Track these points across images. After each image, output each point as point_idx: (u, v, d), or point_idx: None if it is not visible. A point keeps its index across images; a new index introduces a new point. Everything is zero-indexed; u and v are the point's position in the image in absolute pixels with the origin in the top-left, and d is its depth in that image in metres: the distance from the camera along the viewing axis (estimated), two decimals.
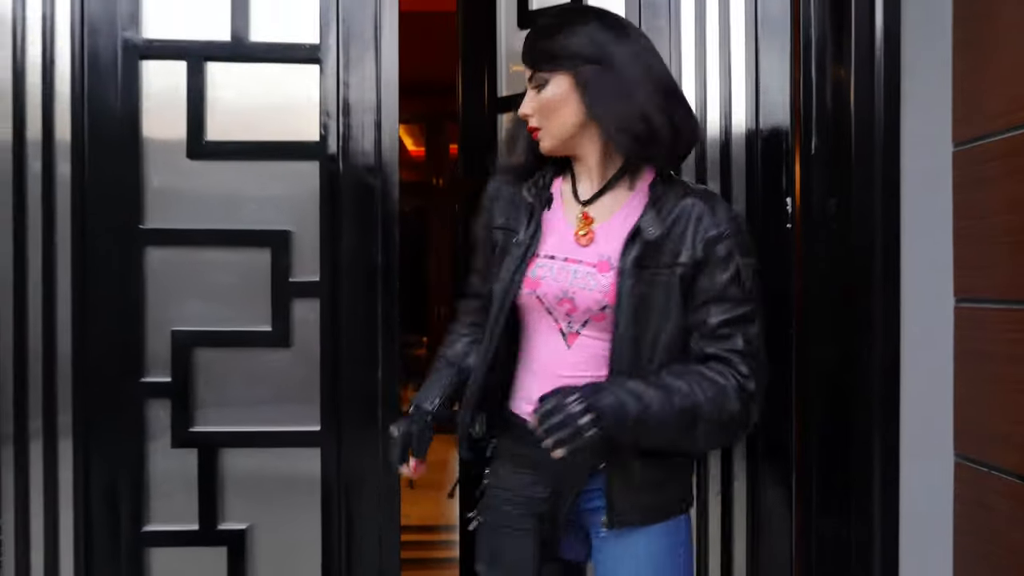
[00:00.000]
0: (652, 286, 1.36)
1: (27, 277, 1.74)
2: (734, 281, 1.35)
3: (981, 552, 1.58)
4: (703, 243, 1.35)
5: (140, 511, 1.78)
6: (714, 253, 1.35)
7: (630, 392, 1.28)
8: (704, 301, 1.35)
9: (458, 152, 2.47)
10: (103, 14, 1.74)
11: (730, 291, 1.35)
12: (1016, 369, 1.47)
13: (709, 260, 1.35)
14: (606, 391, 1.27)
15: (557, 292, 1.38)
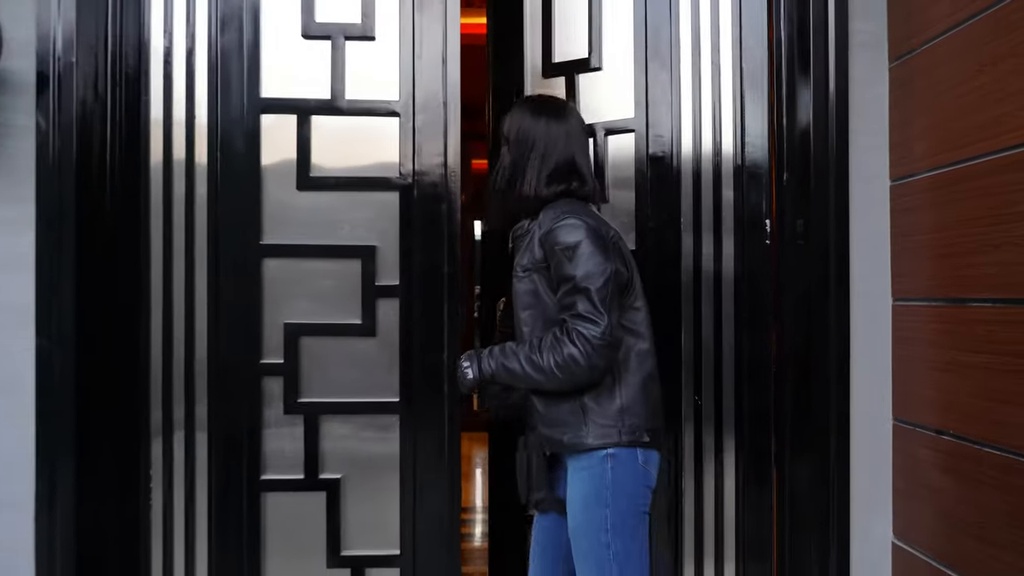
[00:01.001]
0: (525, 282, 1.87)
1: (172, 281, 2.22)
2: (560, 265, 1.79)
3: (909, 488, 2.03)
4: (538, 246, 1.84)
5: (258, 463, 2.24)
6: (544, 248, 1.82)
7: (501, 349, 1.86)
8: (556, 285, 1.82)
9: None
10: (233, 77, 2.22)
11: (562, 272, 1.79)
12: (935, 351, 1.93)
13: (547, 257, 1.82)
14: (484, 352, 1.88)
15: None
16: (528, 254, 1.85)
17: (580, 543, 1.83)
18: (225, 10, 2.21)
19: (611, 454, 1.80)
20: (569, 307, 1.77)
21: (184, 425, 2.22)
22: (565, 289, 1.78)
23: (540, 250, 1.83)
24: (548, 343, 1.77)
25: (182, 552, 2.22)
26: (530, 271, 1.85)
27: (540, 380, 1.79)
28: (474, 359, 1.88)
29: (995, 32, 1.67)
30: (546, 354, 1.77)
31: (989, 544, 1.71)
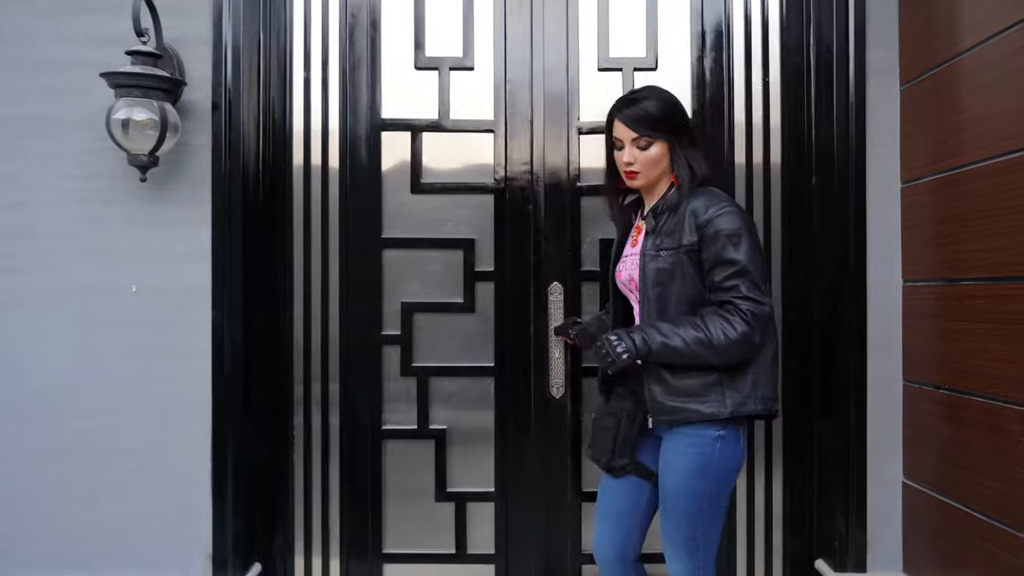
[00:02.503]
0: (670, 263, 1.94)
1: (311, 268, 2.73)
2: (724, 249, 1.89)
3: (915, 436, 2.47)
4: (697, 228, 1.93)
5: (379, 416, 2.75)
6: (704, 234, 1.91)
7: (654, 328, 1.91)
8: (710, 268, 1.92)
9: None
10: (360, 101, 2.73)
11: (724, 256, 1.89)
12: (934, 322, 2.36)
13: (704, 239, 1.91)
14: (636, 331, 1.93)
15: (625, 277, 2.11)
16: (673, 236, 1.95)
17: (676, 506, 1.97)
18: (353, 50, 2.71)
19: (722, 435, 1.94)
20: (731, 288, 1.89)
21: (320, 381, 2.72)
22: (727, 272, 1.89)
23: (695, 233, 1.92)
24: (717, 322, 1.88)
25: (319, 486, 2.73)
26: (676, 251, 1.93)
27: (706, 357, 1.89)
28: (625, 337, 1.92)
29: (980, 67, 2.11)
30: (716, 332, 1.87)
31: (976, 474, 2.16)
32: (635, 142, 2.02)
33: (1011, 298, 1.98)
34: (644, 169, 2.03)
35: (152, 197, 2.52)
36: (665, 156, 2.03)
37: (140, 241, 2.53)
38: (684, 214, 1.95)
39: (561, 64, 2.72)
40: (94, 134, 2.51)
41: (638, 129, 2.00)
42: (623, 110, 2.04)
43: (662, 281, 1.96)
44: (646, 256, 2.00)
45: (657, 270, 1.97)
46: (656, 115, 2.00)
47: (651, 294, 1.98)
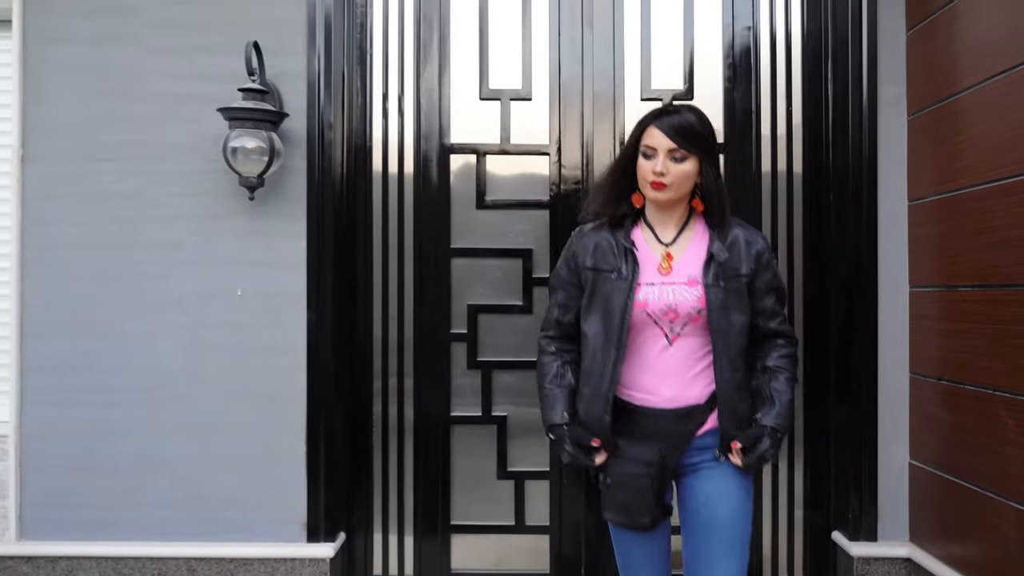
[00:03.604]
0: (727, 292, 1.92)
1: (388, 275, 3.11)
2: (774, 277, 2.00)
3: (920, 422, 2.84)
4: (753, 258, 1.96)
5: (448, 405, 3.13)
6: (760, 263, 1.96)
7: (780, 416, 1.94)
8: (763, 294, 1.98)
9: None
10: (432, 129, 3.11)
11: (774, 283, 2.00)
12: (936, 322, 2.73)
13: (759, 268, 1.96)
14: (774, 427, 1.93)
15: (662, 307, 1.94)
16: (730, 266, 1.94)
17: (733, 532, 1.93)
18: (425, 83, 3.09)
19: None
20: (779, 313, 2.01)
21: (396, 375, 3.11)
22: (776, 297, 2.01)
23: (752, 264, 1.96)
24: (790, 355, 2.03)
25: (395, 467, 3.11)
26: (736, 280, 1.95)
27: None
28: (769, 440, 1.93)
29: (975, 105, 2.48)
30: (794, 367, 2.02)
31: (970, 453, 2.52)
32: (671, 153, 1.92)
33: (998, 302, 2.35)
34: (675, 183, 1.93)
35: (254, 212, 2.90)
36: (695, 176, 1.95)
37: (244, 251, 2.91)
38: (736, 243, 1.96)
39: (608, 95, 3.09)
40: (202, 157, 2.90)
41: (677, 140, 1.90)
42: (663, 118, 1.94)
43: (727, 312, 1.93)
44: (711, 288, 1.93)
45: (723, 301, 1.92)
46: (697, 129, 1.92)
47: (719, 325, 1.92)
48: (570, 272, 2.07)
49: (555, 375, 2.06)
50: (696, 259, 1.97)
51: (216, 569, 2.88)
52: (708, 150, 1.95)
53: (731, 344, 1.93)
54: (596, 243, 2.01)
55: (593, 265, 2.00)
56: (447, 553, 3.11)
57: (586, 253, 2.02)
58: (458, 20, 3.11)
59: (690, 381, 1.97)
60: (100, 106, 2.93)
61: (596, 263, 1.99)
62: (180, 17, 2.91)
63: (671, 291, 1.94)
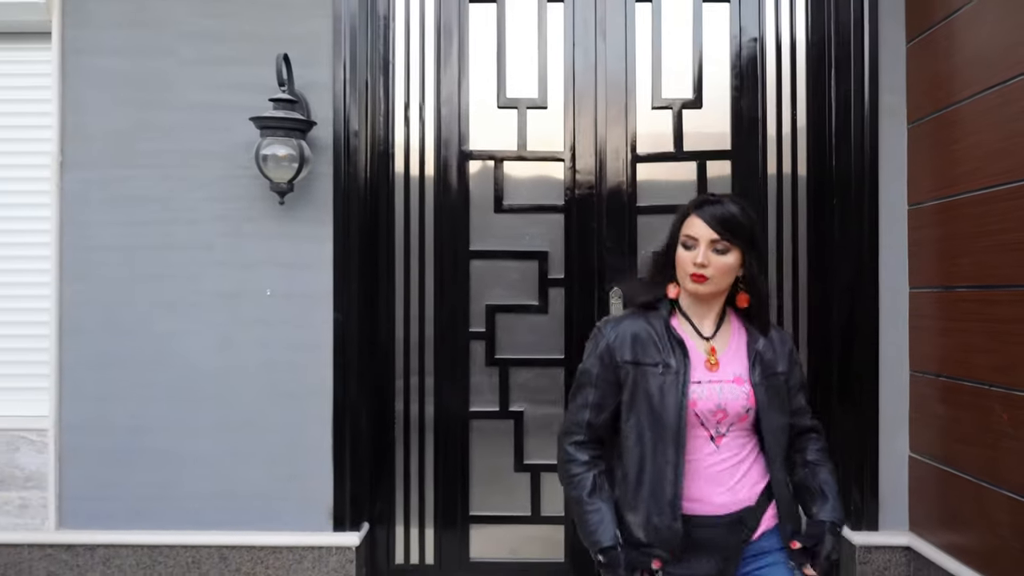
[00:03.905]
0: (771, 389, 1.84)
1: (410, 276, 3.25)
2: (802, 373, 1.97)
3: (920, 417, 2.96)
4: (787, 356, 1.90)
5: (467, 401, 3.26)
6: (792, 360, 1.91)
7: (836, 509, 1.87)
8: (796, 391, 1.94)
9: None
10: (451, 136, 3.24)
11: (802, 380, 1.97)
12: (935, 321, 2.86)
13: (791, 365, 1.90)
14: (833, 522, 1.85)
15: (711, 406, 1.79)
16: (771, 364, 1.87)
17: None
18: (445, 92, 3.23)
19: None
20: (807, 411, 1.98)
21: (418, 372, 3.24)
22: (804, 394, 1.97)
23: (787, 362, 1.91)
24: (825, 448, 1.99)
25: (416, 460, 3.25)
26: (776, 377, 1.87)
27: None
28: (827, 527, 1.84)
29: (971, 116, 2.61)
30: (830, 459, 1.98)
31: (966, 444, 2.65)
32: (713, 244, 1.81)
33: (995, 302, 2.49)
34: (717, 275, 1.82)
35: (283, 216, 3.04)
36: (736, 269, 1.84)
37: (273, 253, 3.05)
38: (771, 340, 1.90)
39: (620, 103, 3.22)
40: (232, 164, 3.04)
41: (719, 230, 1.80)
42: (704, 208, 1.84)
43: (773, 411, 1.85)
44: (758, 387, 1.84)
45: (769, 400, 1.84)
46: (741, 220, 1.82)
47: (768, 425, 1.84)
48: (604, 368, 1.86)
49: (594, 488, 1.84)
50: (739, 355, 1.86)
51: (247, 557, 3.02)
52: (752, 242, 1.84)
53: (780, 443, 1.86)
54: (634, 334, 1.85)
55: (633, 359, 1.83)
56: (466, 542, 3.24)
57: (623, 346, 1.84)
58: (476, 32, 3.25)
59: (738, 483, 1.82)
60: (135, 115, 3.06)
61: (637, 356, 1.83)
62: (212, 30, 3.05)
63: (719, 389, 1.81)
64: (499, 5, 3.26)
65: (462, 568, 3.24)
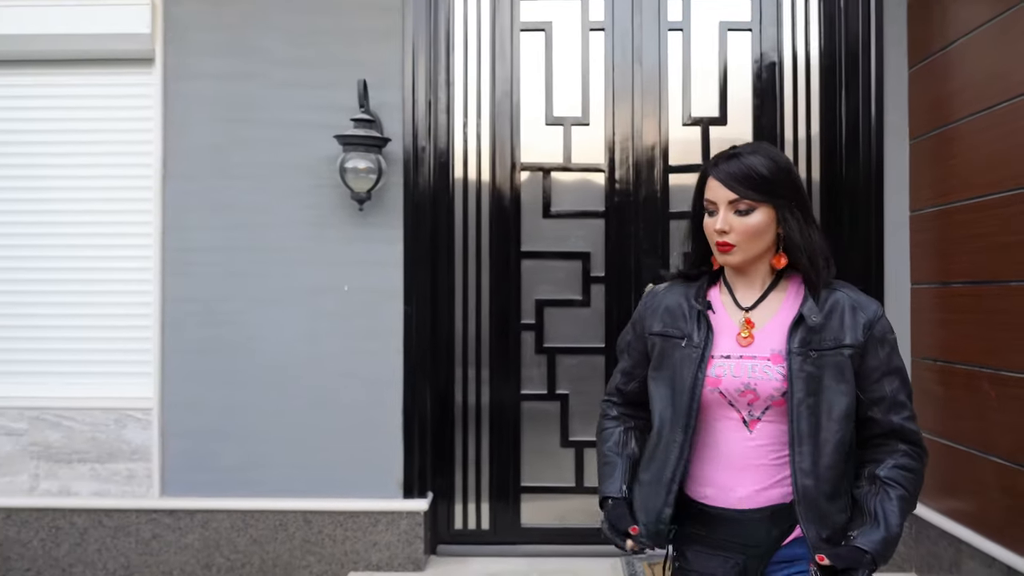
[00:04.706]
0: (820, 366, 1.50)
1: (468, 274, 3.67)
2: (894, 353, 1.54)
3: (921, 397, 3.36)
4: (862, 328, 1.53)
5: (518, 385, 3.67)
6: (873, 335, 1.53)
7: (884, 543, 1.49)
8: (878, 377, 1.53)
9: None
10: (505, 150, 3.66)
11: (894, 362, 1.55)
12: (933, 314, 3.26)
13: (870, 341, 1.53)
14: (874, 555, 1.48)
15: (739, 385, 1.55)
16: (828, 333, 1.54)
17: None
18: (497, 111, 3.65)
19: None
20: (903, 407, 1.57)
21: (475, 360, 3.66)
22: (896, 385, 1.57)
23: (862, 333, 1.55)
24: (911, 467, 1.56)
25: (474, 435, 3.67)
26: (836, 352, 1.54)
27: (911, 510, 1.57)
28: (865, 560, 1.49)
29: (965, 134, 3.02)
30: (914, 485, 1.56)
31: (961, 419, 3.06)
32: (732, 205, 1.56)
33: (985, 296, 2.90)
34: (743, 241, 1.57)
35: (359, 221, 3.46)
36: (771, 229, 1.58)
37: (351, 253, 3.47)
38: (838, 307, 1.57)
39: (655, 120, 3.64)
40: (315, 175, 3.46)
41: (737, 188, 1.55)
42: (720, 166, 1.59)
43: (815, 391, 1.53)
44: (795, 356, 1.54)
45: (810, 376, 1.53)
46: (762, 172, 1.55)
47: (801, 407, 1.53)
48: (636, 337, 1.76)
49: (616, 442, 1.75)
50: (782, 328, 1.58)
51: (328, 520, 3.44)
52: (783, 195, 1.57)
53: (821, 429, 1.53)
54: (667, 306, 1.68)
55: (661, 331, 1.67)
56: (517, 511, 3.66)
57: (654, 317, 1.70)
58: (527, 57, 3.67)
59: (774, 476, 1.58)
60: (229, 131, 3.49)
61: (664, 328, 1.66)
62: (298, 57, 3.47)
63: (750, 367, 1.57)
64: (547, 33, 3.67)
65: (514, 533, 3.65)
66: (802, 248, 1.57)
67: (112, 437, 3.51)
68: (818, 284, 1.58)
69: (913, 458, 1.57)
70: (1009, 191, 2.75)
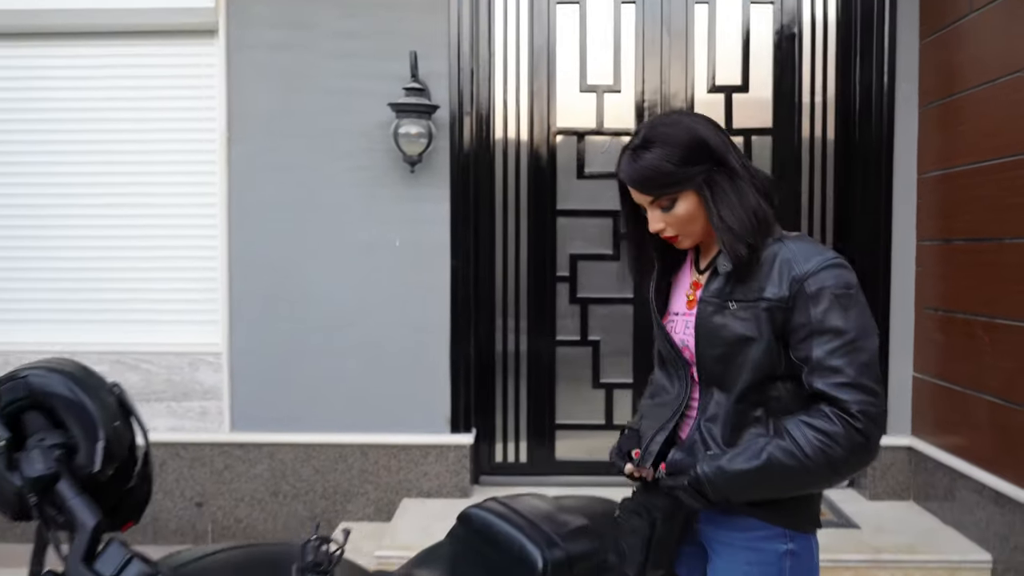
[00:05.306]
0: (735, 316, 1.46)
1: (507, 230, 3.99)
2: (830, 312, 1.38)
3: (922, 343, 3.71)
4: (788, 281, 1.43)
5: (553, 332, 4.00)
6: (802, 290, 1.41)
7: (723, 470, 1.42)
8: (805, 336, 1.41)
9: None
10: (541, 115, 3.96)
11: (830, 322, 1.38)
12: (936, 267, 3.56)
13: (799, 296, 1.41)
14: (702, 475, 1.44)
15: (678, 342, 1.59)
16: (750, 286, 1.48)
17: None
18: (535, 79, 3.93)
19: (790, 551, 1.49)
20: (835, 371, 1.40)
21: (514, 309, 4.00)
22: (831, 346, 1.40)
23: (787, 287, 1.45)
24: (823, 430, 1.39)
25: (513, 377, 4.02)
26: (753, 305, 1.47)
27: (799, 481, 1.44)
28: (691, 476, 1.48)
29: (971, 104, 3.30)
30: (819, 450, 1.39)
31: (957, 362, 3.40)
32: (655, 204, 1.54)
33: (981, 251, 3.21)
34: (682, 229, 1.55)
35: (410, 182, 3.77)
36: (702, 206, 1.52)
37: (402, 212, 3.79)
38: (770, 261, 1.48)
39: (682, 88, 3.92)
40: (369, 139, 3.76)
41: (648, 191, 1.53)
42: (625, 169, 1.57)
43: (728, 342, 1.49)
44: (706, 306, 1.52)
45: (722, 327, 1.49)
46: (665, 168, 1.49)
47: (708, 359, 1.52)
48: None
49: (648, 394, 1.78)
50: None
51: (383, 452, 3.82)
52: (695, 174, 1.49)
53: (727, 378, 1.50)
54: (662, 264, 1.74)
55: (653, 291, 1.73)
56: (552, 446, 4.03)
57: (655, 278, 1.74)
58: (562, 28, 3.93)
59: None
60: (288, 99, 3.78)
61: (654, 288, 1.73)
62: (350, 29, 3.75)
63: (686, 323, 1.59)
64: (581, 5, 3.93)
65: (549, 466, 4.03)
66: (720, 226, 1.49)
67: (186, 379, 3.87)
68: (729, 245, 1.48)
69: (828, 420, 1.40)
70: (1009, 157, 3.04)
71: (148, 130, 3.92)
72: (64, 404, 1.37)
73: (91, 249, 3.94)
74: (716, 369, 1.50)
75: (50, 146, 3.94)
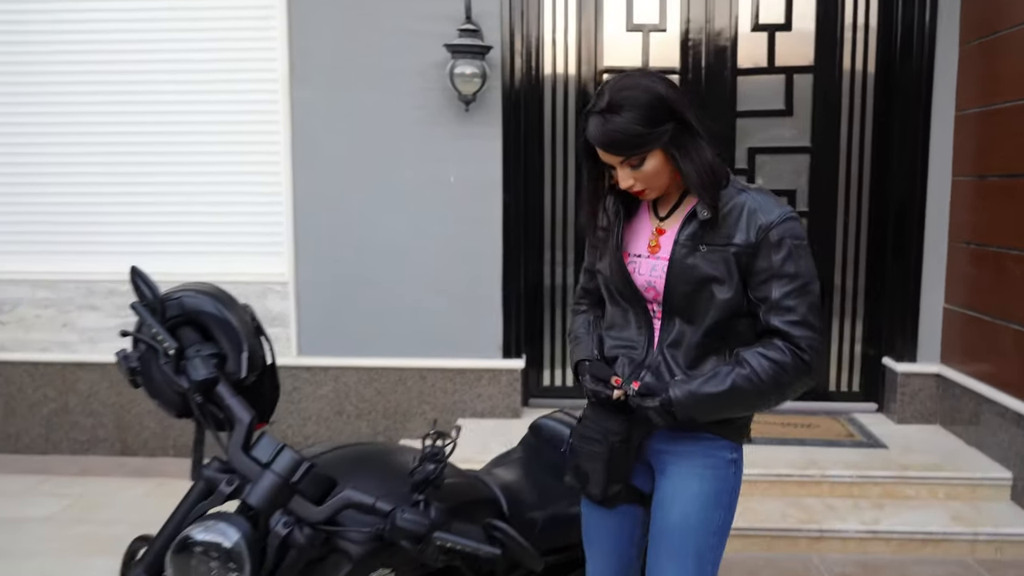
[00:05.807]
0: (705, 259, 1.60)
1: (555, 171, 4.17)
2: (788, 260, 1.58)
3: (953, 276, 3.87)
4: (756, 230, 1.59)
5: None
6: (767, 238, 1.59)
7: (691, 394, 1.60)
8: (765, 279, 1.60)
9: None
10: (588, 53, 4.10)
11: (787, 268, 1.59)
12: (970, 200, 3.71)
13: (763, 244, 1.59)
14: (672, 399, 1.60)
15: (643, 283, 1.69)
16: (720, 232, 1.62)
17: (684, 542, 1.69)
18: (582, 19, 4.07)
19: (734, 459, 1.71)
20: (789, 310, 1.60)
21: (561, 244, 4.21)
22: (789, 288, 1.60)
23: (755, 234, 1.61)
24: (776, 360, 1.60)
25: (561, 308, 4.25)
26: (723, 249, 1.61)
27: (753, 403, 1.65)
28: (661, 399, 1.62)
29: (1008, 42, 3.40)
30: (773, 377, 1.60)
31: (986, 294, 3.57)
32: (625, 164, 1.63)
33: (1013, 188, 3.35)
34: (649, 183, 1.65)
35: (464, 120, 3.96)
36: (667, 162, 1.62)
37: (455, 148, 3.98)
38: (737, 210, 1.63)
39: (726, 27, 4.04)
40: (425, 79, 3.94)
41: (619, 152, 1.61)
42: (594, 133, 1.61)
43: (697, 280, 1.63)
44: (680, 248, 1.64)
45: (693, 267, 1.63)
46: (634, 130, 1.57)
47: (677, 295, 1.65)
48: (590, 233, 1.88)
49: (583, 326, 1.88)
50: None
51: (440, 376, 4.10)
52: (661, 134, 1.58)
53: (695, 313, 1.65)
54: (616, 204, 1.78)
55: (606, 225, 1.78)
56: None
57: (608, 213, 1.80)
58: None
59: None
60: (348, 40, 3.96)
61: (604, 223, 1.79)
62: None
63: (652, 266, 1.69)
64: None
65: None
66: (691, 177, 1.61)
67: (256, 306, 4.12)
68: (705, 197, 1.61)
69: (781, 352, 1.60)
70: None
71: (214, 70, 4.12)
72: (213, 320, 1.62)
73: (168, 185, 4.19)
74: (682, 303, 1.65)
75: (118, 86, 4.15)
